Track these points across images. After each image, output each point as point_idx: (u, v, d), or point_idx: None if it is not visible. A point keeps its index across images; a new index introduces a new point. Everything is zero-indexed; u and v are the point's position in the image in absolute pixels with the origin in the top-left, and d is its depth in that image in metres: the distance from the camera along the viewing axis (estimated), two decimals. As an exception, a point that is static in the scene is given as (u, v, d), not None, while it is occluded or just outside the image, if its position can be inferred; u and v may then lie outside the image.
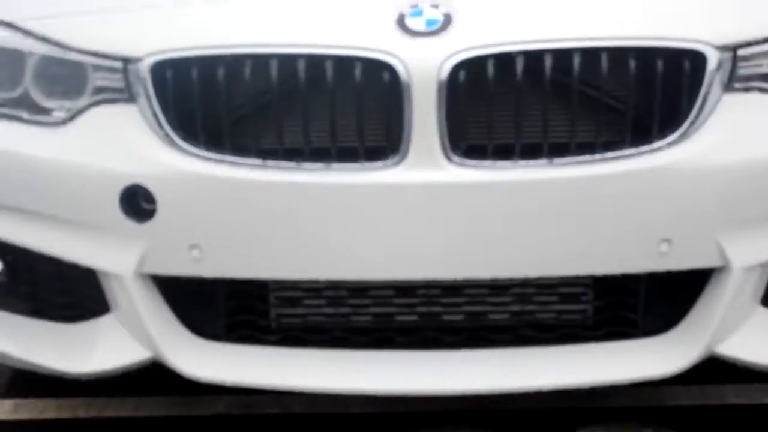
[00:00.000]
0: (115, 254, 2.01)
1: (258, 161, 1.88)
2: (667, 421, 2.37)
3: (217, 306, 2.07)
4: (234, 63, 1.89)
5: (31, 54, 2.10)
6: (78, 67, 2.05)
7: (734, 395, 2.42)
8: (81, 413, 2.53)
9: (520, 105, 1.86)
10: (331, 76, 1.85)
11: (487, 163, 1.87)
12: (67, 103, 2.07)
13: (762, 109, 1.96)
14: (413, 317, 2.06)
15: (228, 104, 1.91)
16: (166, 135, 1.93)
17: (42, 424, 2.54)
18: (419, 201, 1.88)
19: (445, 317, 2.06)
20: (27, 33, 2.11)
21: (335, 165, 1.88)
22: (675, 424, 2.38)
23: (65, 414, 2.55)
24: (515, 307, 2.05)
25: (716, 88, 1.91)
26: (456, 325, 2.07)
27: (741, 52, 1.92)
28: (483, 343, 2.06)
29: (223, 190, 1.91)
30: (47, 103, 2.10)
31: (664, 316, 2.07)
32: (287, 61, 1.87)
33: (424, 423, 2.35)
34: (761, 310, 2.04)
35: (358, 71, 1.84)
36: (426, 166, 1.86)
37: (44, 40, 2.09)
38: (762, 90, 1.94)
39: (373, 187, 1.88)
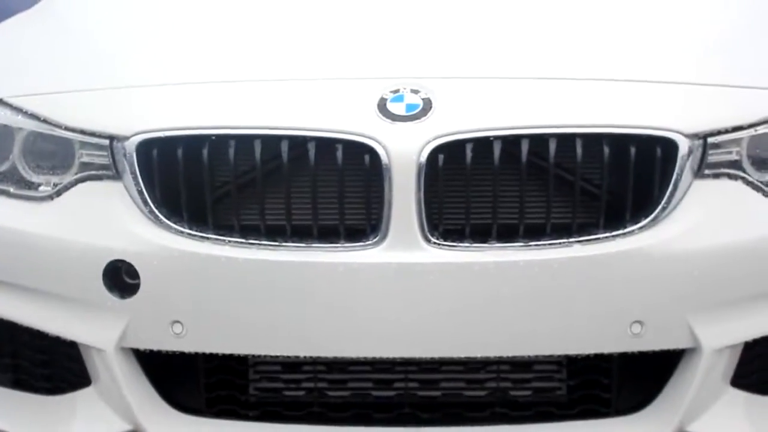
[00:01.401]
0: (97, 328, 1.98)
1: (240, 239, 1.86)
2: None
3: (197, 380, 2.03)
4: (218, 143, 1.86)
5: (19, 130, 2.09)
6: (65, 143, 2.03)
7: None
8: None
9: (497, 188, 1.85)
10: (314, 157, 1.82)
11: (464, 245, 1.84)
12: (54, 179, 2.05)
13: (731, 196, 1.96)
14: (390, 393, 2.03)
15: (212, 183, 1.90)
16: (151, 211, 1.89)
17: None
18: (398, 281, 1.85)
19: (422, 394, 2.02)
20: (17, 109, 2.11)
21: (316, 245, 1.85)
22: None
23: None
24: (491, 385, 2.03)
25: (687, 174, 1.90)
26: (433, 402, 2.03)
27: (711, 140, 1.91)
28: (459, 421, 2.02)
29: (205, 267, 1.88)
30: (34, 178, 2.08)
31: (636, 395, 2.04)
32: (271, 141, 1.85)
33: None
34: (731, 390, 2.03)
35: (339, 153, 1.82)
36: (405, 248, 1.83)
37: (33, 116, 2.08)
38: (731, 176, 1.94)
39: (353, 267, 1.84)
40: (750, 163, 2.00)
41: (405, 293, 1.89)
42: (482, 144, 1.85)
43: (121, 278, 1.92)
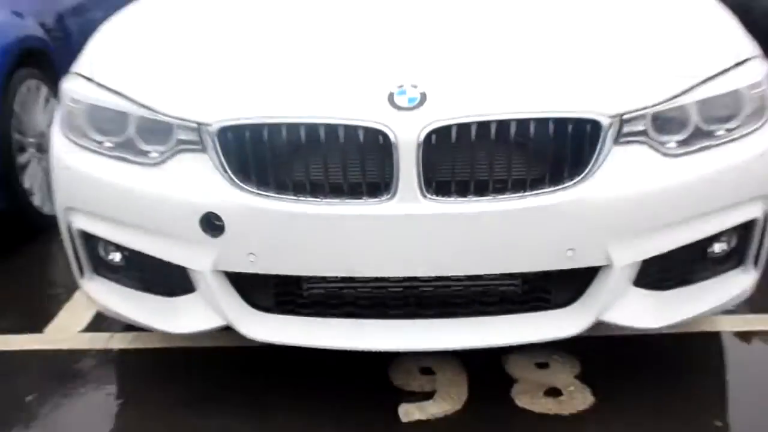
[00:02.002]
0: (197, 257, 2.06)
1: (292, 196, 1.94)
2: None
3: (268, 290, 2.11)
4: (275, 128, 1.94)
5: (132, 114, 2.10)
6: (167, 125, 2.07)
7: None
8: (177, 343, 2.44)
9: (473, 158, 1.91)
10: (343, 137, 1.92)
11: (450, 199, 1.92)
12: (160, 148, 2.07)
13: (639, 156, 1.99)
14: (401, 297, 2.08)
15: (271, 156, 1.95)
16: (230, 177, 1.97)
17: (152, 351, 2.52)
18: (404, 225, 1.94)
19: (424, 296, 2.07)
20: (130, 100, 2.11)
21: (347, 200, 1.93)
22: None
23: (169, 344, 2.49)
24: (472, 290, 2.07)
25: (608, 143, 1.96)
26: (431, 302, 2.08)
27: (625, 117, 1.96)
28: (450, 315, 2.09)
29: (268, 216, 1.96)
30: (145, 147, 2.09)
31: (568, 294, 2.09)
32: (311, 127, 1.93)
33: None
34: (633, 289, 2.08)
35: (361, 135, 1.91)
36: (408, 201, 1.92)
37: (142, 105, 2.09)
38: (639, 142, 1.99)
39: (373, 216, 1.93)
40: (653, 131, 2.01)
41: (410, 232, 1.95)
42: (462, 127, 1.90)
43: (211, 223, 1.99)
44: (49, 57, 3.59)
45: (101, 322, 2.65)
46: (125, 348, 2.55)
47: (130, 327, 2.56)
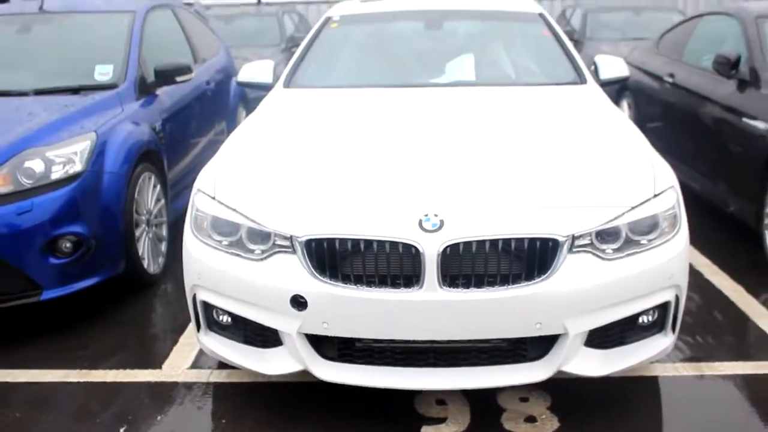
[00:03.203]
0: (286, 324, 2.62)
1: (353, 285, 2.53)
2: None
3: (333, 346, 2.66)
4: (343, 241, 2.55)
5: (243, 225, 2.70)
6: (267, 233, 2.66)
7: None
8: (260, 379, 3.04)
9: (474, 262, 2.50)
10: (388, 248, 2.52)
11: (459, 289, 2.50)
12: (262, 248, 2.66)
13: (585, 261, 2.57)
14: (424, 352, 2.62)
15: (340, 258, 2.54)
16: (311, 271, 2.57)
17: (242, 384, 3.09)
18: (427, 306, 2.51)
19: (440, 352, 2.62)
20: (242, 215, 2.72)
21: (389, 289, 2.51)
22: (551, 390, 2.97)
23: (254, 379, 3.07)
24: (472, 347, 2.61)
25: (564, 252, 2.55)
26: (445, 357, 2.63)
27: (576, 235, 2.56)
28: (458, 365, 2.63)
29: (337, 298, 2.53)
30: (251, 247, 2.68)
31: (538, 352, 2.63)
32: (368, 242, 2.53)
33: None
34: (583, 348, 2.64)
35: (401, 247, 2.51)
36: (430, 290, 2.50)
37: (250, 219, 2.69)
38: (586, 251, 2.57)
39: (406, 300, 2.51)
40: (596, 244, 2.60)
41: (431, 311, 2.52)
42: (467, 243, 2.50)
43: (298, 302, 2.56)
44: (158, 154, 4.25)
45: (202, 361, 3.27)
46: (222, 381, 3.11)
47: (223, 365, 3.13)
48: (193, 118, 5.16)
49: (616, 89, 6.91)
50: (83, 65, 4.40)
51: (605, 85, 4.16)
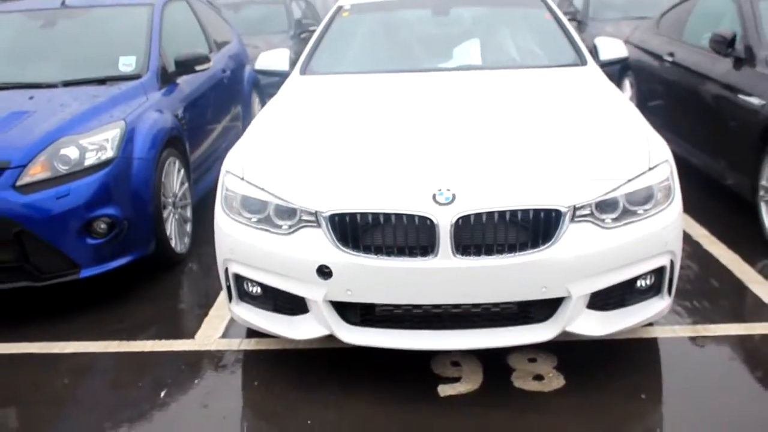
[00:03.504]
0: (313, 292, 2.85)
1: (374, 255, 2.76)
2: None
3: (356, 312, 2.90)
4: (364, 215, 2.77)
5: (271, 202, 2.92)
6: (293, 209, 2.88)
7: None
8: (287, 346, 3.31)
9: (484, 232, 2.71)
10: (406, 221, 2.74)
11: (471, 257, 2.73)
12: (289, 223, 2.89)
13: (586, 229, 2.78)
14: (440, 316, 2.85)
15: (362, 230, 2.76)
16: (335, 243, 2.79)
17: (270, 351, 3.33)
18: (442, 273, 2.73)
19: (454, 315, 2.85)
20: (269, 193, 2.94)
21: (407, 258, 2.74)
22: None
23: (281, 346, 3.32)
24: (484, 312, 2.85)
25: (567, 221, 2.77)
26: (459, 319, 2.86)
27: (577, 206, 2.78)
28: (470, 327, 2.86)
29: (360, 267, 2.76)
30: (279, 222, 2.91)
31: (544, 314, 2.86)
32: (387, 215, 2.76)
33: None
34: (586, 310, 2.86)
35: (417, 220, 2.73)
36: (445, 258, 2.72)
37: (278, 197, 2.92)
38: (586, 221, 2.79)
39: (423, 268, 2.73)
40: (595, 213, 2.81)
41: (446, 277, 2.74)
42: (478, 215, 2.73)
43: (323, 272, 2.79)
44: (181, 139, 4.49)
45: (232, 332, 3.52)
46: (251, 349, 3.36)
47: (251, 334, 3.40)
48: (210, 104, 5.38)
49: (619, 69, 7.11)
50: (107, 57, 4.64)
51: (605, 65, 4.38)
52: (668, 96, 6.00)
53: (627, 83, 7.04)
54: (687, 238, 4.51)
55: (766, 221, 4.33)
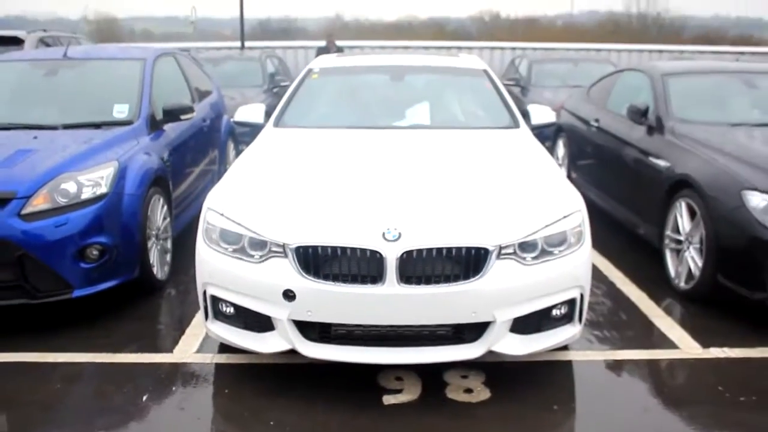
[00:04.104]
0: (278, 312, 3.12)
1: (331, 282, 3.04)
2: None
3: (315, 330, 3.16)
4: (324, 248, 3.07)
5: (245, 235, 3.21)
6: (264, 242, 3.17)
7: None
8: (255, 360, 3.55)
9: (424, 265, 3.02)
10: (359, 254, 3.03)
11: (412, 286, 3.02)
12: (260, 253, 3.16)
13: (509, 266, 3.10)
14: (385, 335, 3.12)
15: (322, 261, 3.04)
16: (299, 271, 3.07)
17: (240, 365, 3.58)
18: (388, 298, 3.02)
19: (398, 335, 3.11)
20: (245, 227, 3.23)
21: (359, 285, 3.02)
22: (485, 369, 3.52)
23: (250, 361, 3.57)
24: (423, 332, 3.12)
25: (493, 258, 3.09)
26: (402, 338, 3.12)
27: (503, 245, 3.11)
28: (411, 345, 3.14)
29: (319, 291, 3.04)
30: (252, 252, 3.18)
31: (474, 335, 3.15)
32: (343, 249, 3.04)
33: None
34: (509, 333, 3.17)
35: (368, 253, 3.03)
36: (391, 286, 3.01)
37: (251, 231, 3.20)
38: (509, 258, 3.11)
39: (372, 294, 3.01)
40: (518, 252, 3.14)
41: (391, 302, 3.03)
42: (419, 251, 3.03)
43: (288, 295, 3.06)
44: (165, 179, 4.76)
45: (206, 347, 3.76)
46: (223, 362, 3.60)
47: (223, 349, 3.65)
48: (191, 149, 5.66)
49: (554, 131, 7.60)
50: (103, 104, 4.92)
51: (536, 128, 4.80)
52: (594, 156, 6.46)
53: (561, 144, 7.52)
54: (603, 279, 4.93)
55: (669, 265, 4.75)
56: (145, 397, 3.30)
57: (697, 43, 19.22)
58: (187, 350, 3.78)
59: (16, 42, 7.81)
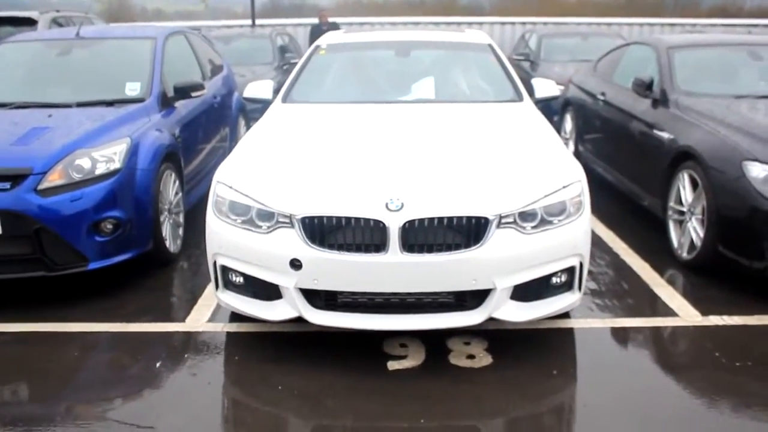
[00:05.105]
0: (286, 280, 3.20)
1: (336, 251, 3.11)
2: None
3: (321, 297, 3.24)
4: (329, 218, 3.14)
5: (253, 207, 3.28)
6: (272, 213, 3.24)
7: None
8: (264, 329, 3.65)
9: (426, 233, 3.07)
10: (363, 223, 3.11)
11: (415, 254, 3.08)
12: (267, 224, 3.24)
13: (509, 234, 3.16)
14: (390, 302, 3.20)
15: (327, 230, 3.12)
16: (305, 241, 3.15)
17: (249, 333, 3.67)
18: (392, 266, 3.09)
19: (402, 302, 3.19)
20: (253, 199, 3.30)
21: (363, 253, 3.10)
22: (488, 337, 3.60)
23: (259, 329, 3.66)
24: (425, 299, 3.20)
25: (493, 227, 3.15)
26: (406, 305, 3.20)
27: (503, 215, 3.16)
28: (415, 312, 3.21)
29: (324, 261, 3.11)
30: (259, 223, 3.26)
31: (475, 303, 3.22)
32: (347, 219, 3.12)
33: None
34: (509, 300, 3.23)
35: (372, 223, 3.10)
36: (394, 255, 3.09)
37: (259, 203, 3.28)
38: (509, 227, 3.17)
39: (376, 262, 3.09)
40: (518, 222, 3.20)
41: (395, 270, 3.10)
42: (422, 220, 3.09)
43: (295, 264, 3.14)
44: (177, 155, 4.85)
45: (217, 316, 3.88)
46: (233, 331, 3.70)
47: (234, 319, 3.74)
48: (203, 126, 5.76)
49: (561, 105, 7.62)
50: (115, 82, 5.00)
51: (540, 102, 4.84)
52: (600, 129, 6.49)
53: (568, 117, 7.53)
54: (608, 250, 4.99)
55: (672, 236, 4.80)
56: (158, 364, 3.41)
57: (713, 17, 18.99)
58: (199, 319, 3.89)
59: (29, 23, 7.92)
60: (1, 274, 3.99)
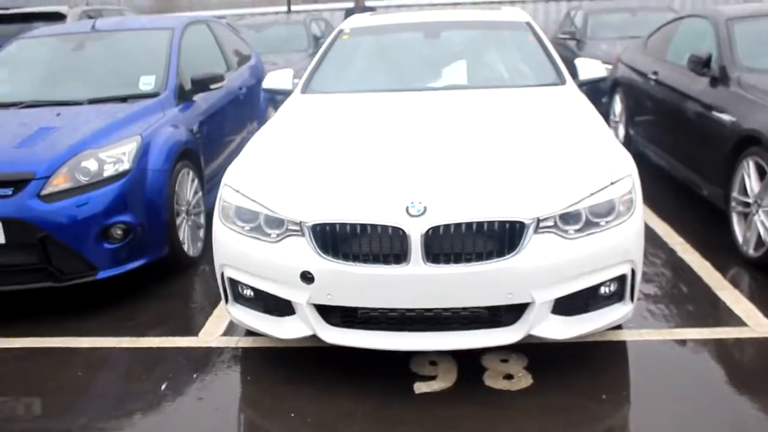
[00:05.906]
0: (298, 295, 2.86)
1: (352, 262, 2.75)
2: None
3: (337, 314, 2.90)
4: (343, 225, 2.78)
5: (261, 213, 2.95)
6: (281, 220, 2.90)
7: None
8: (279, 344, 3.29)
9: (453, 242, 2.70)
10: (380, 231, 2.74)
11: (440, 265, 2.71)
12: (277, 232, 2.90)
13: (549, 240, 2.76)
14: (413, 319, 2.82)
15: (341, 239, 2.76)
16: (317, 251, 2.80)
17: (264, 349, 3.36)
18: (414, 279, 2.72)
19: (427, 318, 2.82)
20: (261, 205, 2.97)
21: (382, 265, 2.73)
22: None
23: (274, 345, 3.33)
24: (455, 315, 2.82)
25: (531, 232, 2.75)
26: (432, 322, 2.83)
27: (541, 217, 2.76)
28: (443, 329, 2.84)
29: (339, 273, 2.76)
30: (268, 231, 2.92)
31: (511, 318, 2.83)
32: (363, 226, 2.75)
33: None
34: (550, 315, 2.83)
35: (390, 230, 2.74)
36: (416, 266, 2.72)
37: (267, 209, 2.94)
38: (549, 231, 2.77)
39: (397, 275, 2.72)
40: (559, 225, 2.79)
41: (418, 284, 2.72)
42: (447, 226, 2.71)
43: (306, 277, 2.80)
44: (195, 152, 4.53)
45: (232, 330, 3.55)
46: (248, 347, 3.38)
47: (250, 333, 3.41)
48: (226, 119, 5.43)
49: (610, 86, 7.06)
50: (129, 76, 4.70)
51: (585, 84, 4.35)
52: (653, 111, 5.94)
53: (617, 99, 6.98)
54: (662, 245, 4.49)
55: (737, 230, 4.28)
56: (163, 386, 3.10)
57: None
58: (213, 333, 3.57)
59: (59, 17, 7.72)
60: (5, 285, 3.74)
